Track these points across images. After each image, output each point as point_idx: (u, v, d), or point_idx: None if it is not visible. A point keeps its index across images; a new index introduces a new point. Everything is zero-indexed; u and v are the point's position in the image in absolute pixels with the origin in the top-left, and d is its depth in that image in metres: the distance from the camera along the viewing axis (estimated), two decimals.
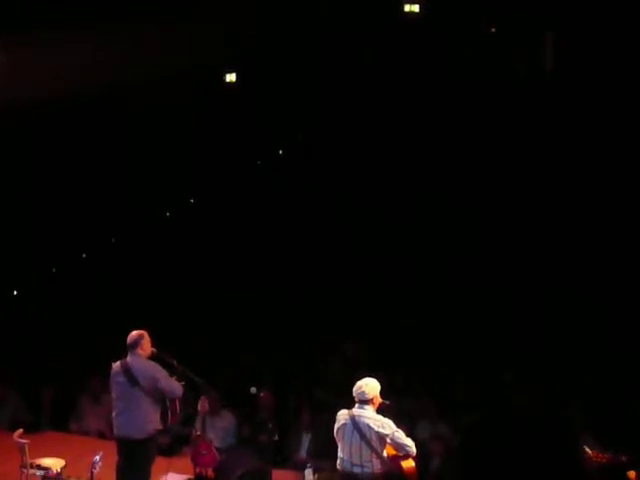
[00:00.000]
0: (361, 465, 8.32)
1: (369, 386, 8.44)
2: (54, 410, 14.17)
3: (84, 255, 17.38)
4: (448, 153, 15.75)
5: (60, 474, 9.73)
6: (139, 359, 9.56)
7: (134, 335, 9.64)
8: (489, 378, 13.03)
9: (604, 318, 13.37)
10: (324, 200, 16.53)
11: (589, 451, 7.46)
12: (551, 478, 2.25)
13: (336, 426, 8.56)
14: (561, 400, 11.71)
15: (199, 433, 11.01)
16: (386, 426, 8.33)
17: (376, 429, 8.28)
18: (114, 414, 9.77)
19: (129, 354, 9.60)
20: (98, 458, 8.86)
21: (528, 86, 15.49)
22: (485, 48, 16.18)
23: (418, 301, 14.88)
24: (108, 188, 16.29)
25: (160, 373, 9.58)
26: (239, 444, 12.46)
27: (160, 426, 9.67)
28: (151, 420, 9.55)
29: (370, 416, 8.37)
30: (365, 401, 8.40)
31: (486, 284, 14.67)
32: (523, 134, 15.28)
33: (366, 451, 8.30)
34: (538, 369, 12.95)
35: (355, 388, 8.47)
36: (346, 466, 8.40)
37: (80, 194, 16.29)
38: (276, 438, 12.35)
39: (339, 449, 8.53)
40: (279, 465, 11.68)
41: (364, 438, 8.28)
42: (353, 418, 8.38)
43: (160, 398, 9.58)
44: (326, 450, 10.09)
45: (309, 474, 10.11)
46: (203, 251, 16.90)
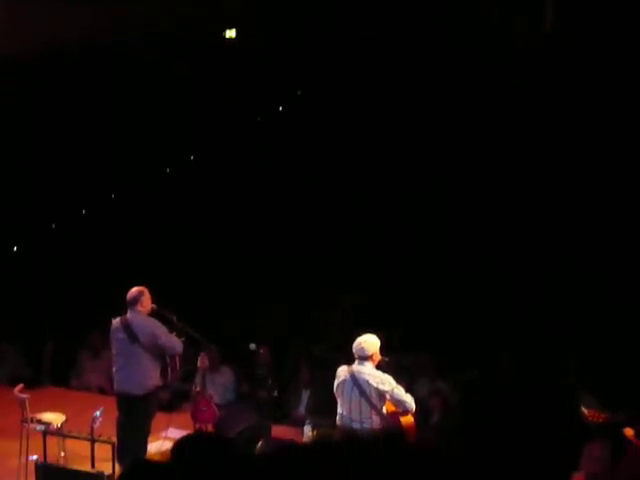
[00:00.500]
0: (360, 421, 8.37)
1: (368, 342, 8.47)
2: (54, 366, 14.22)
3: (84, 211, 17.34)
4: (448, 124, 15.63)
5: (60, 429, 9.76)
6: (139, 315, 9.59)
7: (134, 292, 9.66)
8: (488, 332, 13.06)
9: (603, 279, 13.37)
10: (324, 156, 16.47)
11: (586, 411, 7.50)
12: (551, 435, 2.25)
13: (336, 382, 8.60)
14: (560, 358, 11.76)
15: (199, 389, 11.04)
16: (386, 382, 8.36)
17: (375, 385, 8.32)
18: (114, 370, 9.82)
19: (129, 310, 9.62)
20: (98, 413, 8.89)
21: (527, 51, 15.30)
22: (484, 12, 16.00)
23: (418, 258, 14.86)
24: (108, 144, 16.23)
25: (160, 329, 9.61)
26: (239, 400, 12.52)
27: (160, 382, 9.73)
28: (151, 376, 9.59)
29: (370, 372, 8.40)
30: (365, 357, 8.43)
31: (485, 245, 14.64)
32: (522, 103, 15.14)
33: (365, 407, 8.35)
34: (537, 326, 12.99)
35: (355, 345, 8.50)
36: (345, 422, 8.45)
37: (79, 150, 16.22)
38: (275, 394, 12.42)
39: (338, 405, 8.57)
40: (278, 421, 11.73)
41: (364, 394, 8.32)
42: (353, 374, 8.42)
43: (160, 354, 9.62)
44: (325, 406, 10.14)
45: (308, 430, 10.14)
46: (203, 207, 16.86)
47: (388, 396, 8.39)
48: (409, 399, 8.49)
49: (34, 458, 9.36)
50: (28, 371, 13.92)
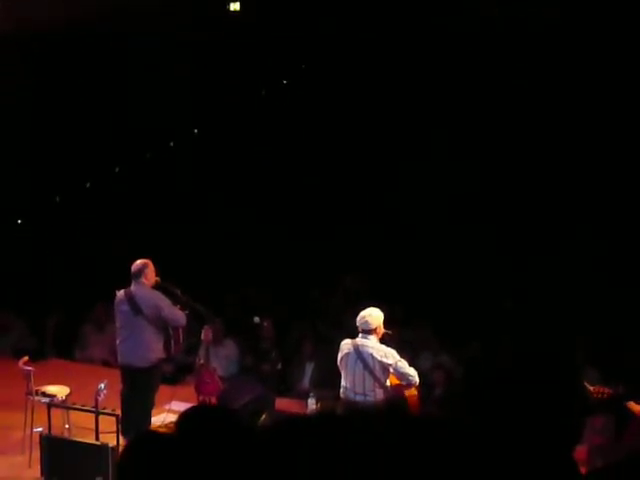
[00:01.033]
0: (364, 394, 8.38)
1: (372, 316, 8.47)
2: (58, 338, 14.26)
3: (88, 184, 17.34)
4: (447, 94, 15.56)
5: (65, 401, 9.80)
6: (143, 288, 9.59)
7: (138, 264, 9.66)
8: (490, 306, 13.07)
9: (604, 252, 13.36)
10: (326, 133, 16.43)
11: (591, 387, 7.49)
12: (554, 407, 2.25)
13: (339, 355, 8.60)
14: (562, 330, 11.76)
15: (202, 362, 11.06)
16: (389, 356, 8.37)
17: (379, 359, 8.33)
18: (118, 342, 9.83)
19: (133, 283, 9.62)
20: (103, 386, 8.90)
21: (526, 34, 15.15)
22: None
23: (418, 235, 14.85)
24: (110, 117, 16.19)
25: (163, 302, 9.61)
26: (242, 373, 12.55)
27: (163, 355, 9.74)
28: (154, 349, 9.61)
29: (373, 346, 8.41)
30: (368, 331, 8.44)
31: (486, 219, 14.62)
32: (519, 73, 15.04)
33: (369, 380, 8.36)
34: (538, 297, 13.00)
35: (358, 318, 8.50)
36: (349, 395, 8.47)
37: (82, 123, 16.20)
38: (279, 367, 12.45)
39: (342, 378, 8.58)
40: (282, 394, 11.76)
41: (367, 367, 8.33)
42: (357, 348, 8.42)
43: (163, 327, 9.63)
44: (329, 379, 10.16)
45: (312, 403, 10.17)
46: (208, 181, 16.85)
47: (392, 369, 8.41)
48: (413, 372, 8.51)
49: (39, 430, 9.39)
50: (32, 343, 13.96)
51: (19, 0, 11.59)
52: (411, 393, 8.54)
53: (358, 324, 8.48)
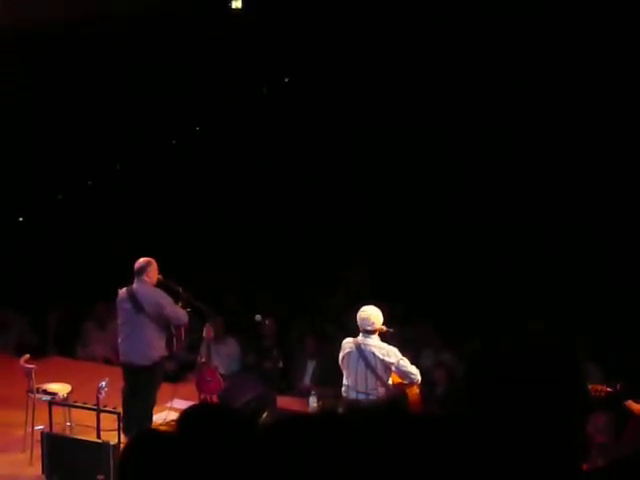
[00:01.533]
0: (366, 393, 8.38)
1: (373, 315, 8.47)
2: (60, 336, 14.26)
3: (89, 182, 17.34)
4: (449, 92, 15.51)
5: (66, 399, 9.80)
6: (145, 286, 9.59)
7: (141, 262, 9.67)
8: (492, 304, 13.07)
9: (604, 253, 13.35)
10: (328, 129, 16.42)
11: (590, 386, 7.50)
12: (556, 406, 2.25)
13: (341, 354, 8.60)
14: (563, 329, 11.77)
15: (204, 360, 11.07)
16: (391, 354, 8.37)
17: (381, 357, 8.33)
18: (119, 340, 9.84)
19: (135, 280, 9.63)
20: (104, 384, 8.90)
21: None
22: None
23: (419, 232, 14.83)
24: (113, 115, 16.19)
25: (165, 300, 9.62)
26: (244, 371, 12.55)
27: (165, 353, 9.75)
28: (156, 347, 9.61)
29: (375, 344, 8.41)
30: (370, 330, 8.43)
31: (488, 216, 14.60)
32: (518, 72, 14.97)
33: (371, 379, 8.36)
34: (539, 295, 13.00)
35: (360, 317, 8.48)
36: (351, 394, 8.46)
37: (84, 121, 16.20)
38: (281, 365, 12.45)
39: (344, 377, 8.58)
40: (283, 392, 11.75)
41: (369, 366, 8.33)
42: (359, 346, 8.42)
43: (165, 325, 9.64)
44: (330, 377, 10.16)
45: (313, 401, 10.18)
46: (208, 179, 16.85)
47: (394, 368, 8.40)
48: (415, 370, 8.51)
49: (40, 428, 9.40)
50: (34, 341, 13.97)
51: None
52: (413, 391, 8.54)
53: (359, 323, 8.47)
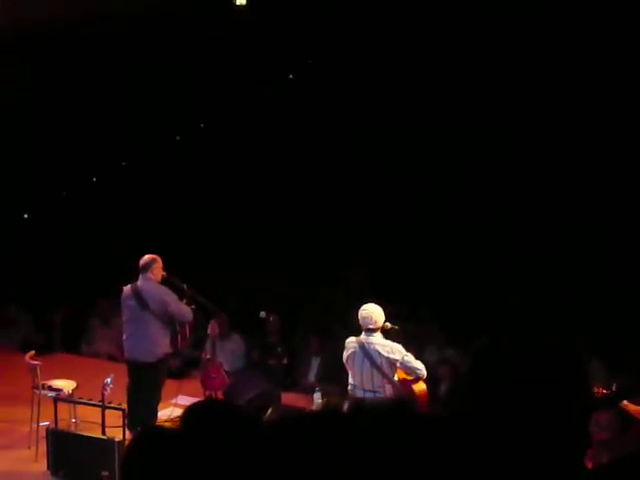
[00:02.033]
0: (373, 391, 8.37)
1: (376, 313, 8.44)
2: (65, 332, 14.28)
3: (94, 179, 17.35)
4: (454, 89, 15.48)
5: (71, 395, 9.82)
6: (149, 283, 9.60)
7: (146, 258, 9.68)
8: (496, 300, 13.06)
9: (604, 247, 13.35)
10: (333, 126, 16.41)
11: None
12: (560, 404, 2.25)
13: (345, 354, 8.57)
14: (567, 326, 11.77)
15: (209, 356, 11.08)
16: (395, 351, 8.36)
17: (386, 355, 8.32)
18: (124, 337, 9.85)
19: (140, 277, 9.64)
20: (109, 380, 8.92)
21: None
22: None
23: (422, 229, 14.83)
24: (118, 112, 16.19)
25: (170, 297, 9.63)
26: (248, 367, 12.56)
27: (170, 349, 9.76)
28: (160, 344, 9.62)
29: (379, 342, 8.39)
30: (373, 328, 8.41)
31: (488, 217, 14.60)
32: (520, 71, 14.94)
33: (377, 377, 8.34)
34: (544, 293, 12.99)
35: (362, 316, 8.45)
36: (358, 393, 8.45)
37: (89, 118, 16.20)
38: (285, 362, 12.46)
39: (350, 376, 8.56)
40: (288, 389, 11.76)
41: (375, 365, 8.32)
42: (362, 345, 8.40)
43: (170, 322, 9.65)
44: (334, 374, 10.17)
45: (317, 398, 10.17)
46: (212, 175, 16.85)
47: (399, 364, 8.39)
48: (420, 366, 8.49)
49: (45, 424, 9.42)
50: (39, 338, 13.98)
51: None
52: (420, 388, 8.52)
53: (362, 322, 8.43)
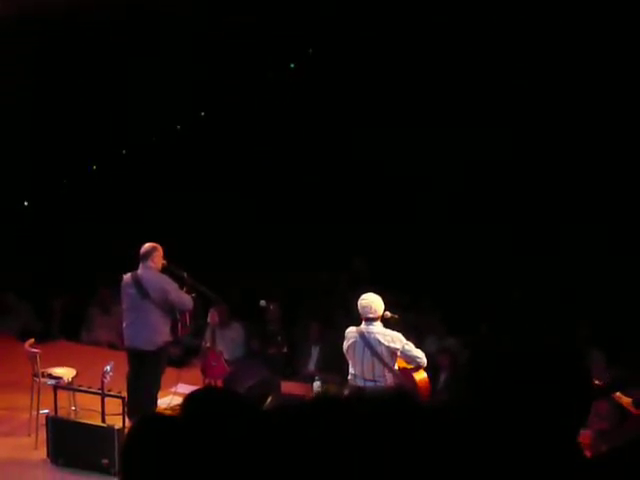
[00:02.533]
0: (374, 380, 8.37)
1: (376, 303, 8.45)
2: (65, 320, 14.29)
3: (95, 167, 17.34)
4: (459, 80, 15.43)
5: (71, 383, 9.83)
6: (150, 271, 9.61)
7: (147, 247, 9.68)
8: (497, 291, 13.06)
9: (605, 226, 13.34)
10: (332, 117, 16.39)
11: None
12: (559, 395, 2.26)
13: (346, 344, 8.58)
14: (568, 317, 11.78)
15: (209, 345, 11.09)
16: (396, 340, 8.37)
17: (387, 344, 8.32)
18: (124, 325, 9.86)
19: (140, 265, 9.65)
20: (109, 368, 8.93)
21: None
22: None
23: (424, 221, 14.83)
24: (118, 99, 16.17)
25: (170, 285, 9.64)
26: (248, 356, 12.57)
27: (170, 338, 9.78)
28: (161, 332, 9.64)
29: (379, 331, 8.40)
30: (373, 318, 8.42)
31: (488, 210, 14.60)
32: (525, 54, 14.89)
33: (378, 366, 8.35)
34: (546, 286, 12.98)
35: (362, 305, 8.45)
36: (359, 382, 8.45)
37: (90, 106, 16.18)
38: (285, 350, 12.47)
39: (350, 366, 8.56)
40: (288, 377, 11.77)
41: (375, 354, 8.32)
42: (363, 335, 8.40)
43: (170, 310, 9.66)
44: (335, 363, 10.17)
45: (317, 386, 10.19)
46: (213, 164, 16.83)
47: (399, 353, 8.40)
48: (420, 354, 8.50)
49: (45, 412, 9.43)
50: (39, 325, 14.00)
51: None
52: (421, 377, 8.54)
53: (362, 312, 8.43)
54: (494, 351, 2.71)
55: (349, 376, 8.61)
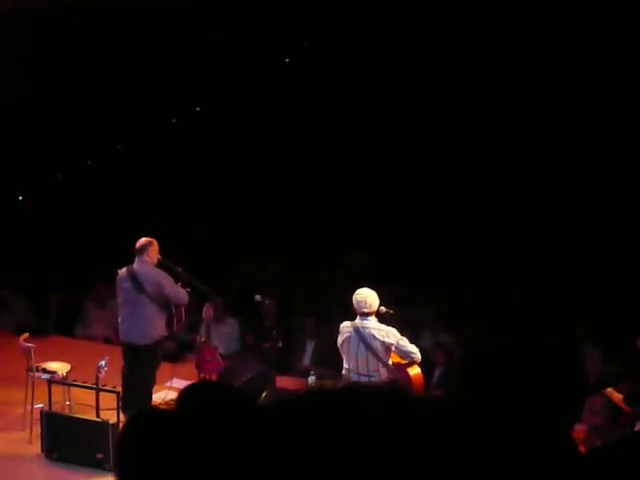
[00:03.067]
0: (368, 375, 8.37)
1: (371, 297, 8.44)
2: (60, 315, 14.28)
3: (89, 162, 17.32)
4: (461, 71, 15.39)
5: (66, 378, 9.82)
6: (145, 266, 9.61)
7: (142, 241, 9.68)
8: (498, 295, 13.07)
9: (604, 223, 13.35)
10: (330, 111, 16.38)
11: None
12: (554, 389, 2.26)
13: (340, 339, 8.57)
14: (566, 315, 11.80)
15: (204, 339, 11.09)
16: (390, 335, 8.37)
17: (381, 339, 8.32)
18: (120, 320, 9.85)
19: (136, 260, 9.64)
20: (104, 363, 8.93)
21: None
22: None
23: (420, 213, 14.83)
24: (113, 94, 16.14)
25: (166, 280, 9.64)
26: (243, 351, 12.57)
27: (165, 332, 9.77)
28: (156, 326, 9.63)
29: (374, 326, 8.40)
30: (368, 312, 8.41)
31: (486, 192, 14.59)
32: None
33: (372, 361, 8.35)
34: (540, 277, 13.00)
35: (356, 300, 8.44)
36: (353, 377, 8.44)
37: (84, 101, 16.15)
38: (280, 345, 12.46)
39: (344, 361, 8.56)
40: (283, 372, 11.79)
41: (370, 349, 8.32)
42: (357, 330, 8.40)
43: (165, 305, 9.65)
44: (329, 357, 10.17)
45: (312, 381, 10.19)
46: (208, 159, 16.82)
47: (393, 348, 8.40)
48: (415, 349, 8.50)
49: (39, 407, 9.43)
50: (34, 320, 13.99)
51: None
52: (415, 372, 8.54)
53: (356, 306, 8.43)
54: (488, 347, 2.71)
55: (343, 371, 8.61)
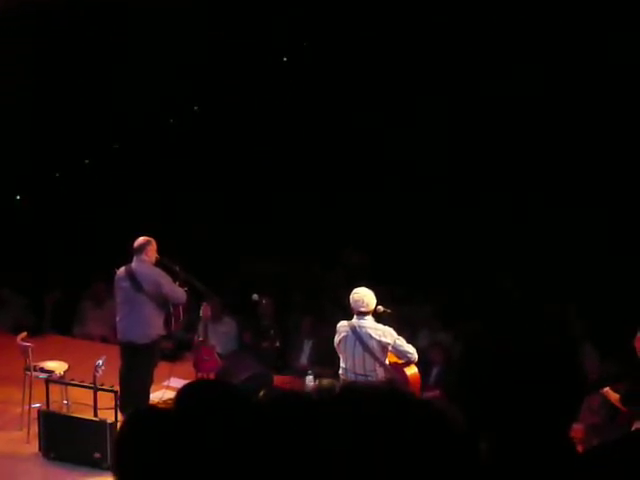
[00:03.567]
0: (365, 375, 8.36)
1: (368, 297, 8.43)
2: (57, 314, 14.26)
3: (87, 160, 17.30)
4: (459, 71, 15.38)
5: (63, 377, 9.82)
6: (143, 265, 9.61)
7: (141, 241, 9.68)
8: (489, 285, 13.07)
9: (603, 222, 13.34)
10: (329, 110, 16.37)
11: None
12: (552, 389, 2.26)
13: (337, 338, 8.57)
14: (561, 307, 11.80)
15: (201, 339, 11.08)
16: (387, 334, 8.36)
17: (378, 338, 8.32)
18: (118, 319, 9.85)
19: (134, 259, 9.65)
20: (101, 362, 8.93)
21: None
22: None
23: (417, 212, 14.83)
24: (111, 92, 16.13)
25: (164, 279, 9.64)
26: (241, 350, 12.57)
27: (163, 331, 9.78)
28: (154, 325, 9.63)
29: (371, 325, 8.39)
30: (365, 312, 8.41)
31: (484, 191, 14.59)
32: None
33: (369, 361, 8.35)
34: (537, 275, 12.99)
35: (354, 299, 8.43)
36: (350, 376, 8.44)
37: (82, 99, 16.13)
38: (277, 344, 12.47)
39: (341, 360, 8.56)
40: (280, 371, 11.79)
41: (367, 348, 8.31)
42: (354, 329, 8.39)
43: (164, 304, 9.66)
44: (327, 357, 10.17)
45: (310, 380, 10.19)
46: (206, 158, 16.81)
47: (390, 348, 8.39)
48: (411, 349, 8.50)
49: (37, 406, 9.43)
50: (31, 319, 13.97)
51: None
52: (412, 372, 8.54)
53: (354, 306, 8.42)
54: (487, 346, 2.71)
55: (340, 370, 8.60)
